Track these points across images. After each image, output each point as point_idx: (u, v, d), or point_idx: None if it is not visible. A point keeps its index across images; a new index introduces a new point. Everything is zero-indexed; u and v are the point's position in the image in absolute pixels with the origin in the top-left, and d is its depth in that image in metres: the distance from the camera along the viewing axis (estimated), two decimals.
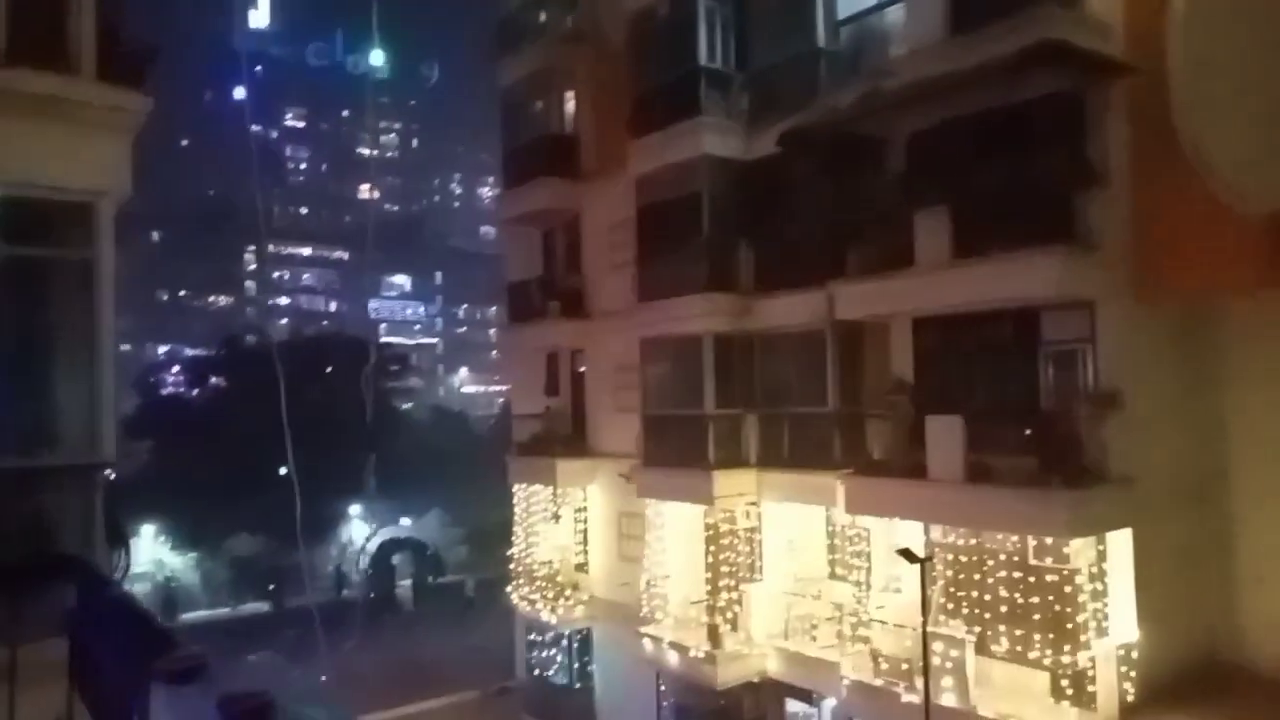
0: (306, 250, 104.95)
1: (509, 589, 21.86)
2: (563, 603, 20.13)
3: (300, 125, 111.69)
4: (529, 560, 21.46)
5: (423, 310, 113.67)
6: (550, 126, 21.73)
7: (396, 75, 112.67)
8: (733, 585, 16.10)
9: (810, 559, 15.95)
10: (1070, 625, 11.43)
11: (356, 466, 39.20)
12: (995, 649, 12.43)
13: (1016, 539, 12.34)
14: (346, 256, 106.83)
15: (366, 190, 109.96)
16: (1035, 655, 11.89)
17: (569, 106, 21.54)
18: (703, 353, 16.25)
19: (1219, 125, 11.06)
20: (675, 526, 17.39)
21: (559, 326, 20.86)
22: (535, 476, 21.22)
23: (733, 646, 15.80)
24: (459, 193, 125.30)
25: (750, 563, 16.39)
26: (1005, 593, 12.43)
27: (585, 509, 20.91)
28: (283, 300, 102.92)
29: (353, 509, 42.92)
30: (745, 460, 16.27)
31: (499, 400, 71.37)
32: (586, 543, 20.94)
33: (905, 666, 12.74)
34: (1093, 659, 11.32)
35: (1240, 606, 12.49)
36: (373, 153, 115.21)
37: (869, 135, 13.98)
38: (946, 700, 12.09)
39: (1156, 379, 12.06)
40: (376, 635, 32.90)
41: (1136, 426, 11.56)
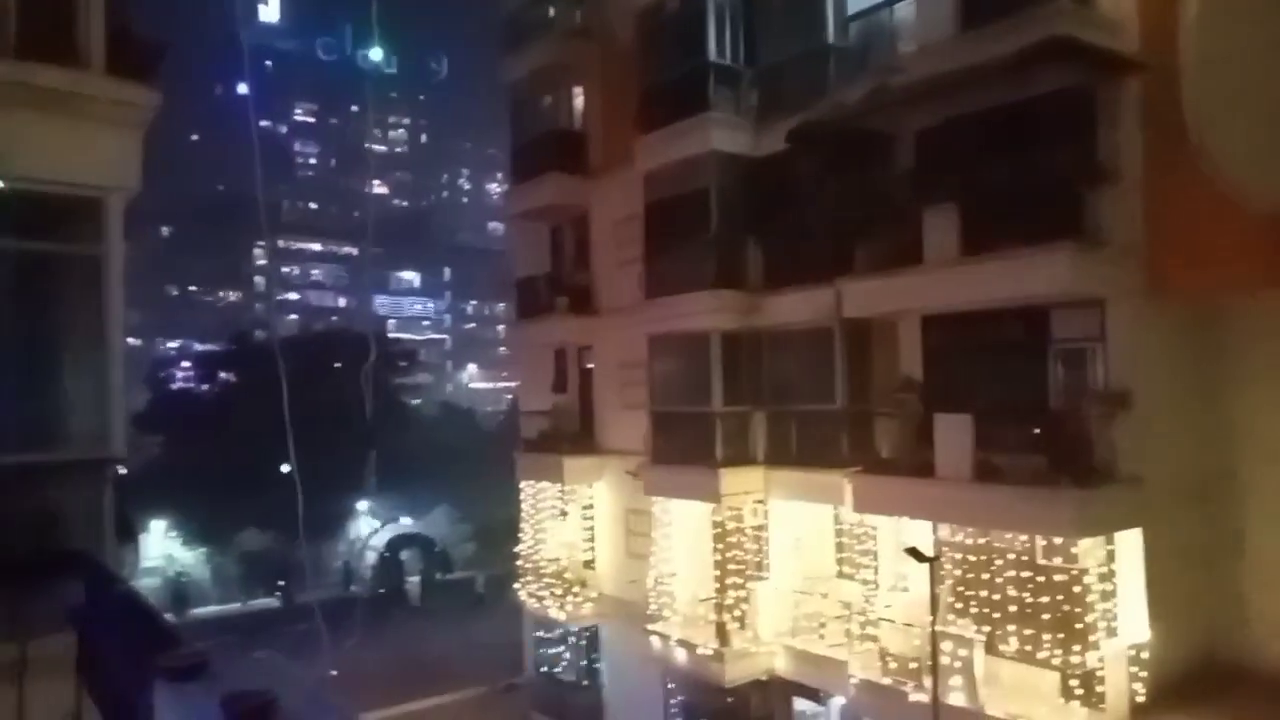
0: (315, 245, 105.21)
1: (517, 586, 21.90)
2: (570, 600, 20.15)
3: (310, 120, 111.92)
4: (537, 557, 21.48)
5: (431, 306, 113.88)
6: (558, 122, 21.72)
7: (405, 70, 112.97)
8: (740, 583, 16.09)
9: (818, 557, 15.93)
10: (1079, 625, 11.38)
11: (364, 462, 39.36)
12: (1004, 648, 12.37)
13: (1025, 538, 12.29)
14: (355, 252, 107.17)
15: (370, 184, 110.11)
16: (1044, 655, 11.82)
17: (577, 102, 21.52)
18: (710, 350, 16.22)
19: (1231, 122, 10.98)
20: (683, 524, 17.38)
21: (566, 323, 20.84)
22: (543, 473, 21.22)
23: (740, 644, 15.79)
24: (467, 188, 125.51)
25: (758, 561, 16.36)
26: (1014, 592, 12.37)
27: (593, 506, 20.92)
28: (292, 296, 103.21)
29: (361, 505, 43.02)
30: (753, 458, 16.25)
31: (507, 396, 71.48)
32: (594, 540, 20.95)
33: (913, 665, 12.72)
34: (1102, 659, 11.28)
35: (1250, 607, 12.40)
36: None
37: (878, 132, 13.93)
38: (955, 699, 12.06)
39: (1167, 378, 11.99)
40: (385, 631, 32.98)
41: (1146, 426, 11.50)
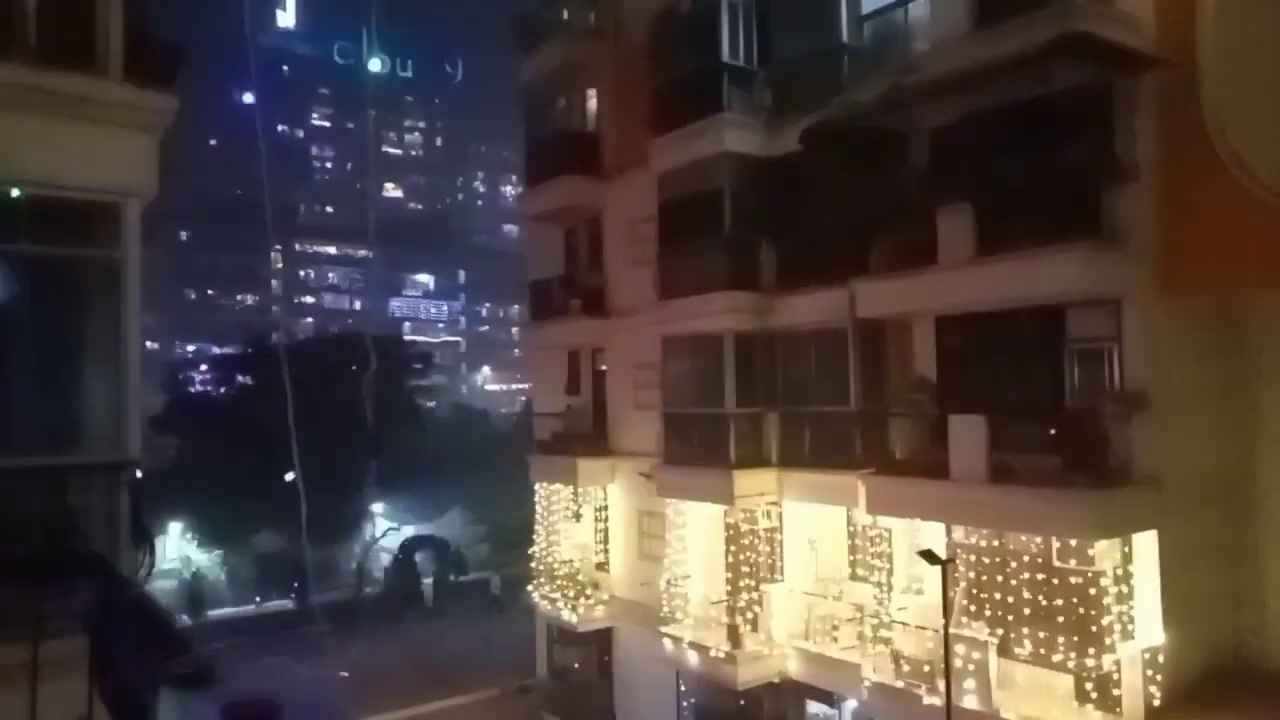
0: (331, 249, 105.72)
1: (530, 588, 21.92)
2: (583, 602, 20.16)
3: (326, 124, 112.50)
4: (550, 559, 21.51)
5: (446, 308, 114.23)
6: (572, 124, 21.76)
7: (421, 74, 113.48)
8: (753, 585, 16.05)
9: (831, 559, 15.88)
10: (1095, 628, 11.29)
11: (366, 469, 39.48)
12: (1018, 651, 12.28)
13: (1040, 540, 12.20)
14: (371, 255, 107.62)
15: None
16: (1059, 658, 11.74)
17: (591, 104, 21.55)
18: (724, 351, 16.19)
19: (1249, 118, 10.87)
20: (696, 526, 17.36)
21: (580, 324, 20.87)
22: (556, 475, 21.25)
23: (753, 647, 15.75)
24: (482, 191, 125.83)
25: (771, 563, 16.32)
26: (1029, 594, 12.28)
27: (606, 508, 20.93)
28: (308, 299, 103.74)
29: (376, 506, 43.18)
30: (766, 459, 16.20)
31: (521, 398, 71.59)
32: (607, 542, 20.96)
33: (927, 668, 12.64)
34: (1118, 662, 11.18)
35: (1268, 609, 12.27)
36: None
37: (892, 131, 13.87)
38: (969, 703, 11.97)
39: (1184, 377, 11.87)
40: (398, 633, 33.12)
41: (1163, 426, 11.39)
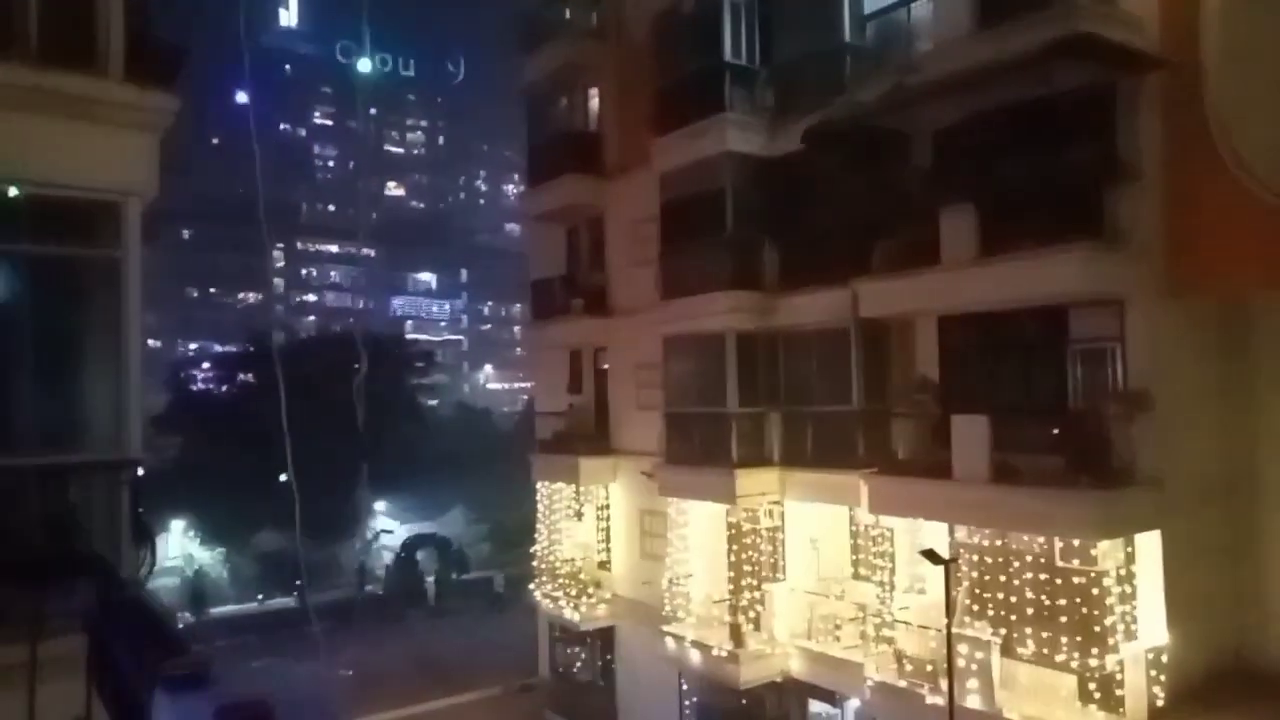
0: (333, 247, 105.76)
1: (532, 586, 21.92)
2: (585, 601, 20.16)
3: (328, 123, 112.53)
4: (552, 558, 21.51)
5: (448, 307, 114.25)
6: (574, 123, 21.75)
7: (423, 73, 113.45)
8: (755, 584, 16.04)
9: (833, 559, 15.87)
10: (1098, 628, 11.28)
11: (382, 462, 39.52)
12: (1021, 651, 12.27)
13: (1043, 540, 12.18)
14: (373, 254, 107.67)
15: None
16: (1062, 658, 11.73)
17: (593, 103, 21.54)
18: (725, 350, 16.18)
19: (1253, 119, 10.83)
20: (698, 525, 17.35)
21: (582, 324, 20.86)
22: (558, 474, 21.25)
23: (755, 646, 15.75)
24: (484, 190, 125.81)
25: (773, 562, 16.31)
26: (1031, 594, 12.27)
27: (608, 507, 20.92)
28: (310, 297, 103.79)
29: (378, 505, 43.24)
30: (768, 459, 16.18)
31: (523, 397, 71.61)
32: (609, 540, 20.95)
33: (930, 668, 12.63)
34: (1121, 662, 11.17)
35: (1271, 609, 12.23)
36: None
37: (894, 131, 13.86)
38: (971, 702, 11.96)
39: (1187, 378, 11.85)
40: (401, 631, 33.13)
41: (1166, 426, 11.37)
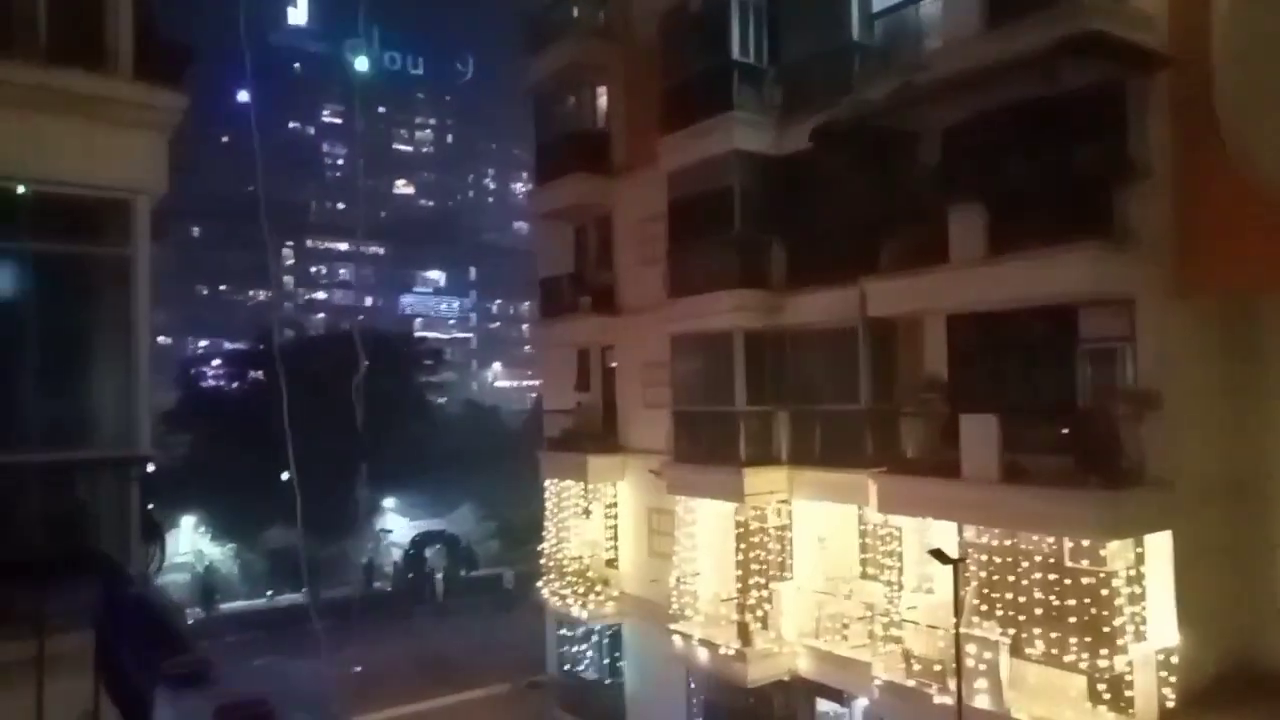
0: (343, 245, 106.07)
1: (540, 584, 21.96)
2: (593, 598, 20.17)
3: (337, 121, 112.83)
4: (560, 555, 21.53)
5: (457, 305, 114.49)
6: (582, 122, 21.72)
7: (432, 71, 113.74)
8: (763, 583, 16.03)
9: (841, 558, 15.83)
10: (1107, 628, 11.22)
11: (391, 460, 39.63)
12: (1030, 651, 12.23)
13: (1052, 540, 12.13)
14: (382, 251, 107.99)
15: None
16: (1071, 658, 11.68)
17: (600, 102, 21.51)
18: (733, 349, 16.16)
19: (1264, 117, 10.75)
20: (706, 523, 17.34)
21: (590, 322, 20.86)
22: (566, 472, 21.27)
23: (763, 644, 15.72)
24: (493, 188, 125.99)
25: (781, 561, 16.29)
26: (1040, 594, 12.23)
27: (616, 505, 20.93)
28: (319, 295, 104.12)
29: (387, 502, 43.36)
30: (776, 458, 16.15)
31: (531, 395, 71.66)
32: (617, 538, 20.95)
33: (938, 668, 12.60)
34: (1130, 663, 11.11)
35: None
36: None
37: (903, 129, 13.81)
38: (980, 702, 11.93)
39: (1197, 378, 11.79)
40: (409, 628, 33.23)
41: (1176, 426, 11.32)
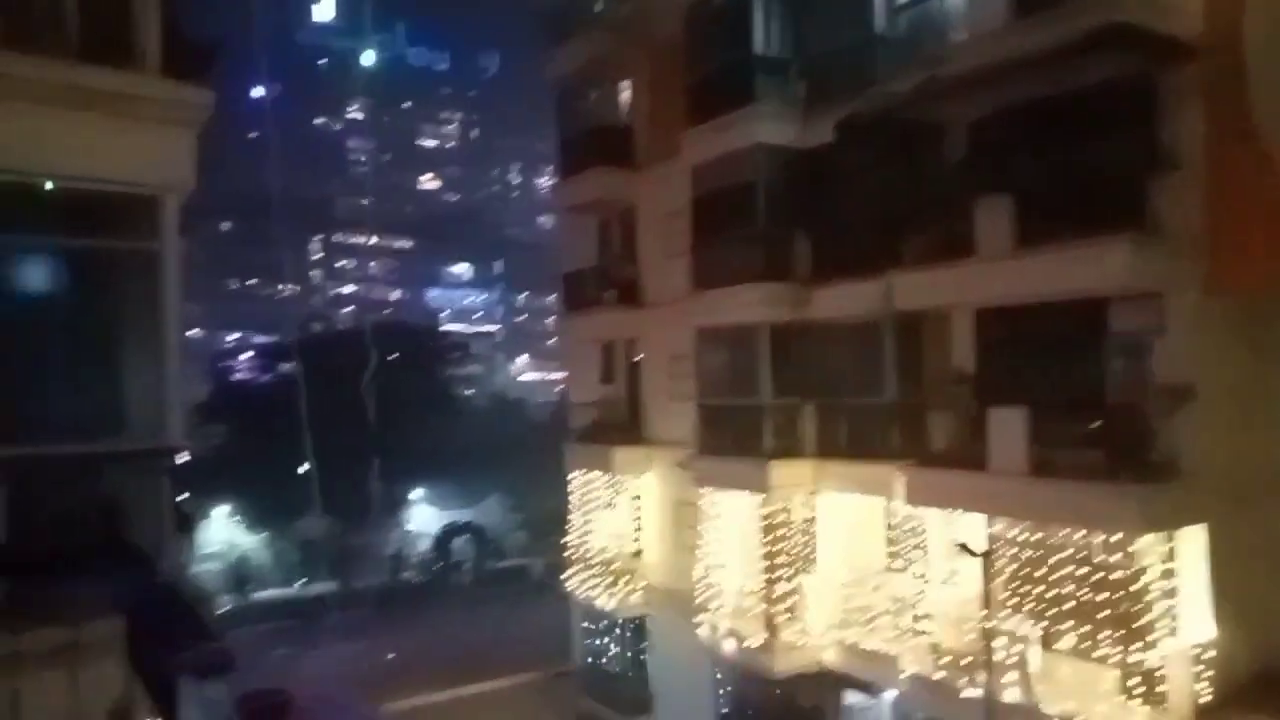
0: (370, 240, 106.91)
1: (566, 575, 22.06)
2: (619, 590, 20.23)
3: (362, 117, 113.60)
4: (586, 547, 21.62)
5: (482, 299, 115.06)
6: (605, 116, 21.71)
7: (457, 67, 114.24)
8: (789, 576, 15.99)
9: (868, 551, 15.75)
10: (1139, 623, 11.09)
11: (418, 452, 39.96)
12: (1060, 645, 12.10)
13: (1082, 534, 11.99)
14: (408, 246, 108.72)
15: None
16: (1102, 653, 11.55)
17: (624, 96, 21.50)
18: (759, 342, 16.13)
19: None
20: (731, 516, 17.32)
21: (614, 315, 20.88)
22: (592, 464, 21.34)
23: (789, 637, 15.71)
24: (518, 182, 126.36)
25: (807, 553, 16.25)
26: (1071, 589, 12.08)
27: (641, 497, 20.96)
28: (347, 289, 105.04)
29: (415, 494, 43.74)
30: (802, 450, 16.12)
31: (557, 388, 71.90)
32: (642, 530, 20.98)
33: (966, 661, 12.53)
34: (1164, 658, 10.97)
35: None
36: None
37: (928, 122, 13.68)
38: (1009, 696, 11.86)
39: (1230, 372, 11.58)
40: (436, 618, 33.54)
41: (1208, 420, 11.14)
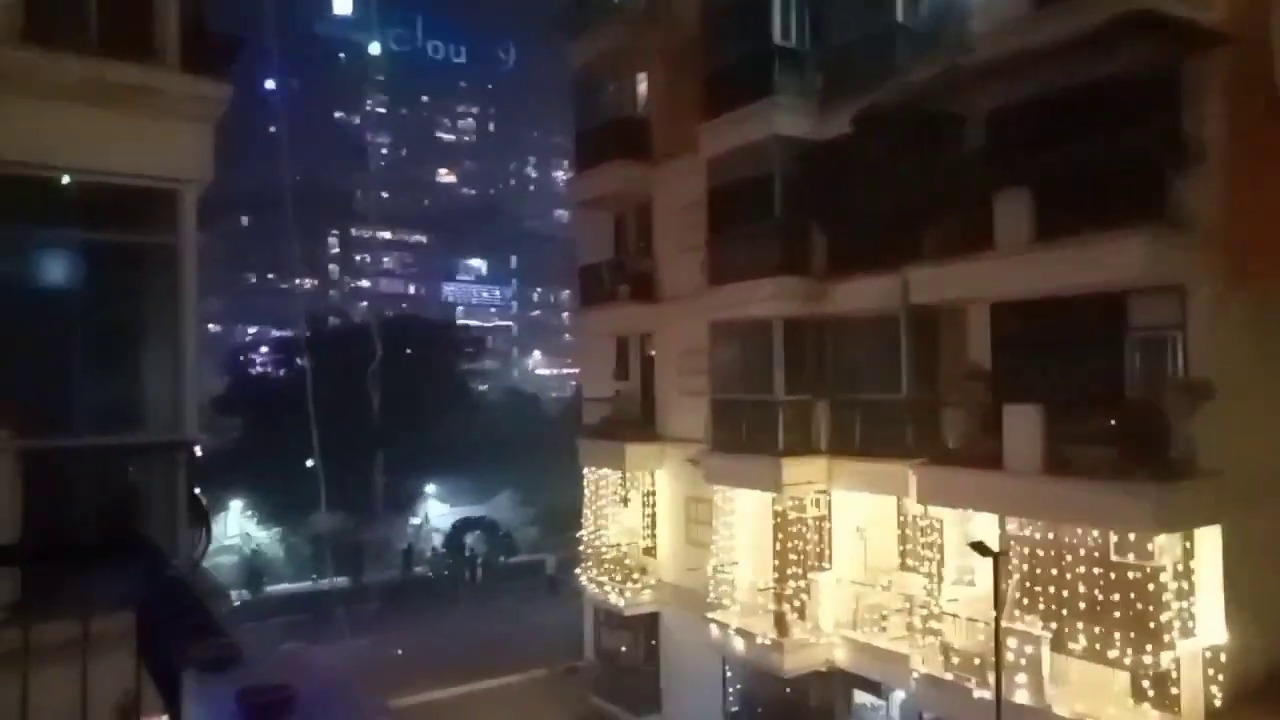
0: (387, 234, 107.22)
1: (578, 571, 22.09)
2: (631, 586, 20.24)
3: (382, 110, 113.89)
4: (598, 543, 21.64)
5: (498, 293, 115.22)
6: (622, 109, 21.69)
7: (474, 59, 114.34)
8: (801, 573, 15.95)
9: (880, 549, 15.70)
10: (1153, 624, 10.99)
11: (432, 446, 40.11)
12: (1073, 646, 12.02)
13: (1096, 533, 11.90)
14: (425, 240, 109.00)
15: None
16: (1115, 654, 11.45)
17: (641, 88, 21.45)
18: (773, 337, 16.06)
19: None
20: (744, 513, 17.29)
21: (629, 310, 20.86)
22: (605, 460, 21.33)
23: (800, 635, 15.67)
24: (534, 176, 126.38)
25: (819, 551, 16.20)
26: (1084, 589, 12.00)
27: (654, 493, 20.96)
28: (364, 283, 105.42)
29: (429, 488, 43.93)
30: (815, 447, 16.05)
31: (571, 383, 72.02)
32: (654, 527, 20.99)
33: (977, 661, 12.45)
34: (1176, 660, 10.88)
35: None
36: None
37: (947, 113, 13.58)
38: (1020, 697, 11.78)
39: (1251, 369, 11.46)
40: (448, 613, 33.62)
41: (1228, 417, 10.99)
